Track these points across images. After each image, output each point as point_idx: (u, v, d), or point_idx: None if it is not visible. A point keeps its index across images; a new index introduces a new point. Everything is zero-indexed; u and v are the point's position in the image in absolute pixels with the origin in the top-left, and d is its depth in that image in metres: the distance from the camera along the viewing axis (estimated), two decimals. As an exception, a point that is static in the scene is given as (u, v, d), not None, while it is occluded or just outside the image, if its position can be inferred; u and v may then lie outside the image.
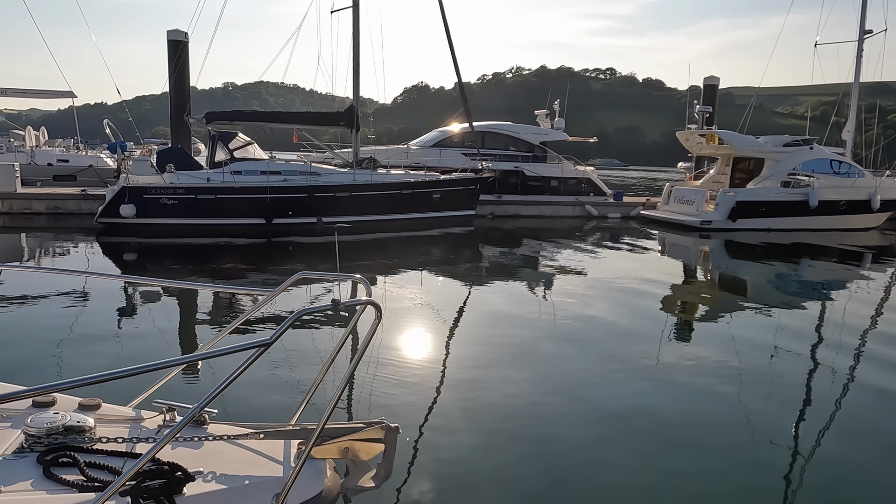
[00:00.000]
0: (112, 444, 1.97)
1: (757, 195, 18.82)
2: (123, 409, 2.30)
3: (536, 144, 23.32)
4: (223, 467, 1.96)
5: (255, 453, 2.09)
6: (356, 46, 17.12)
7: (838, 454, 4.29)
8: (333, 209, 15.12)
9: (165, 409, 2.23)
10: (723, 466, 4.01)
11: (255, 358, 1.74)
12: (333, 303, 1.84)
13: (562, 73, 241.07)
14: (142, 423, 2.20)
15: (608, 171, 68.70)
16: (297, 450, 2.13)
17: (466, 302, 8.90)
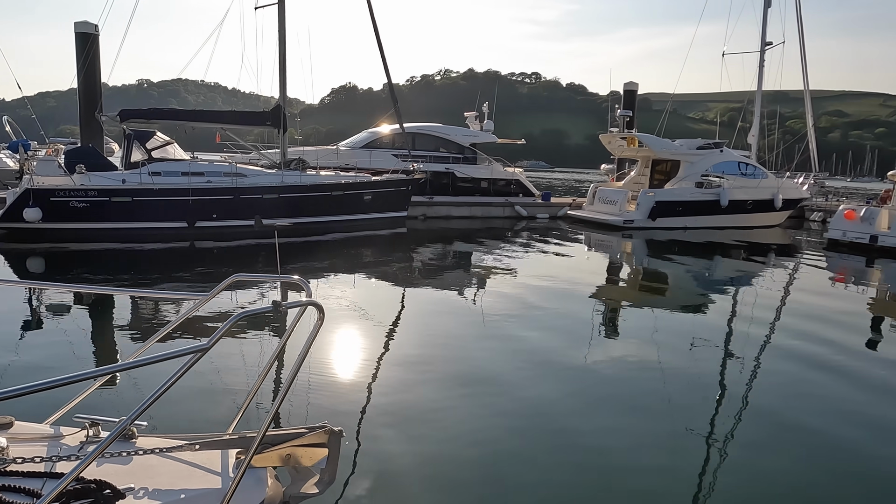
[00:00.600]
0: (29, 464, 1.82)
1: (674, 195, 19.84)
2: (39, 426, 2.13)
3: (466, 146, 23.58)
4: (156, 482, 1.85)
5: (190, 465, 1.99)
6: (282, 44, 16.69)
7: (749, 435, 4.59)
8: (261, 211, 14.64)
9: (88, 424, 2.09)
10: (644, 453, 4.19)
11: (191, 364, 1.66)
12: (274, 304, 1.78)
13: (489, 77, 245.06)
14: (61, 441, 2.05)
15: (535, 172, 70.49)
16: (236, 459, 2.05)
17: (400, 303, 8.86)
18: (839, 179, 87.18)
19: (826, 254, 16.23)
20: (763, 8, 25.77)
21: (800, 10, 25.33)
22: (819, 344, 7.22)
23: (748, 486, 3.84)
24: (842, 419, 4.96)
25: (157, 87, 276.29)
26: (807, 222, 25.24)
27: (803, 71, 25.72)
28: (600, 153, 27.84)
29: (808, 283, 12.46)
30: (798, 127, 34.48)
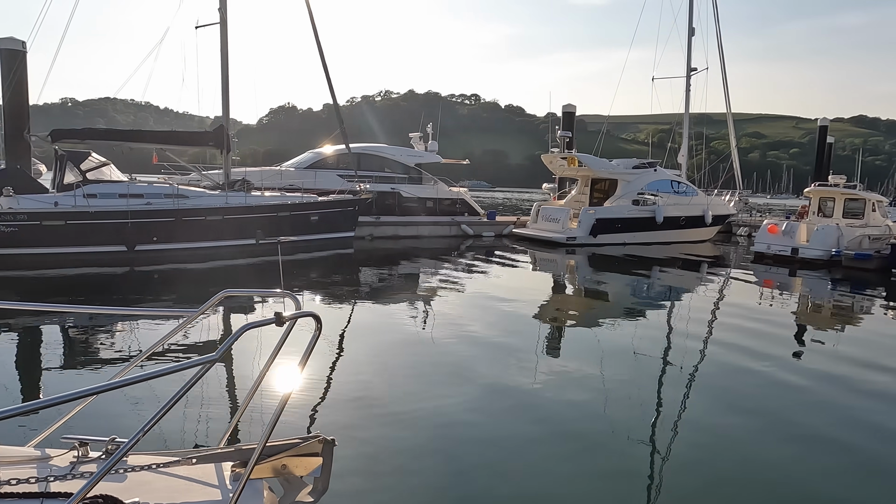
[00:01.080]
0: (23, 485, 1.80)
1: (613, 213, 20.68)
2: (24, 449, 2.09)
3: (412, 166, 23.79)
4: (155, 497, 1.87)
5: (186, 480, 2.01)
6: (225, 64, 16.48)
7: (688, 440, 4.89)
8: (204, 234, 14.30)
9: (77, 443, 2.07)
10: (592, 461, 4.40)
11: (200, 375, 1.70)
12: (276, 315, 1.85)
13: (429, 98, 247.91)
14: (50, 462, 2.02)
15: (477, 192, 71.43)
16: (232, 472, 2.08)
17: (348, 324, 8.82)
18: (760, 196, 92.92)
19: (753, 266, 17.29)
20: (687, 36, 27.50)
21: (720, 39, 27.19)
22: (748, 353, 7.73)
23: (691, 487, 4.10)
24: (772, 419, 5.35)
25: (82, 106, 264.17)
26: (734, 237, 26.78)
27: (725, 95, 27.54)
28: (539, 173, 28.60)
29: (738, 293, 13.25)
30: (722, 147, 36.72)
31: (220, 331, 7.44)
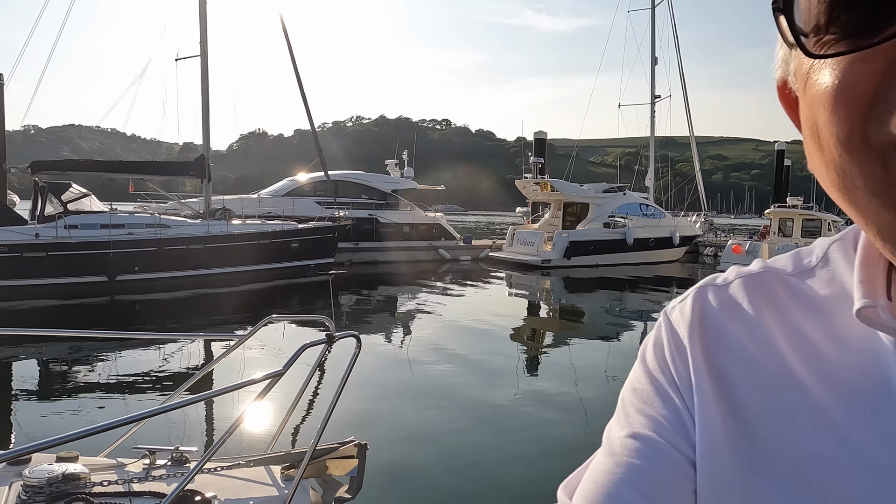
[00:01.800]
0: (113, 485, 2.12)
1: (585, 236, 21.38)
2: (101, 458, 2.39)
3: (389, 192, 24.21)
4: (222, 495, 2.20)
5: (243, 481, 2.34)
6: (205, 95, 16.76)
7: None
8: (186, 263, 14.42)
9: (148, 452, 2.38)
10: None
11: (268, 389, 2.06)
12: (328, 337, 2.22)
13: (401, 123, 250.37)
14: (126, 469, 2.33)
15: (450, 216, 72.11)
16: (282, 473, 2.41)
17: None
18: (725, 217, 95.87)
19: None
20: (651, 65, 28.82)
21: (682, 68, 28.54)
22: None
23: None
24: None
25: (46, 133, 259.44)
26: (701, 257, 27.79)
27: (688, 121, 28.81)
28: (511, 196, 29.26)
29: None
30: (686, 170, 38.14)
31: (262, 351, 7.86)
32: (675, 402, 0.46)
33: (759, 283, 0.48)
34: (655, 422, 0.46)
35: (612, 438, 0.48)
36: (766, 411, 0.42)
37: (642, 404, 0.47)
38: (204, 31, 16.94)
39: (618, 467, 0.45)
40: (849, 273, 0.43)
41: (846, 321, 0.42)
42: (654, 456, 0.44)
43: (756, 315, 0.46)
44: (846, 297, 0.42)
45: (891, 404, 0.38)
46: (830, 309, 0.43)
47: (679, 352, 0.48)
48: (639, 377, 0.50)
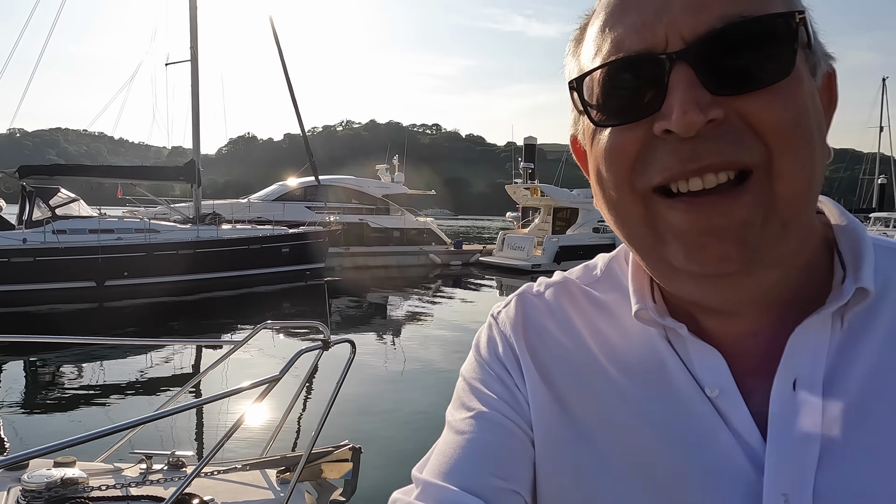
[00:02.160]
0: (112, 490, 2.15)
1: (575, 240, 21.53)
2: (98, 463, 2.42)
3: (379, 197, 24.25)
4: (219, 498, 2.23)
5: (240, 484, 2.38)
6: (195, 100, 16.75)
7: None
8: (176, 268, 14.36)
9: (144, 457, 2.41)
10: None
11: (266, 393, 2.10)
12: (324, 342, 2.26)
13: (391, 127, 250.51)
14: (123, 473, 2.36)
15: (439, 221, 72.20)
16: (278, 477, 2.45)
17: (303, 343, 9.07)
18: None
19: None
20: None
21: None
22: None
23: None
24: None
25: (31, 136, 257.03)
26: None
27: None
28: (501, 201, 29.35)
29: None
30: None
31: (256, 356, 7.83)
32: (508, 387, 0.56)
33: (564, 291, 0.60)
34: (494, 403, 0.55)
35: (456, 420, 0.56)
36: (579, 393, 0.54)
37: (481, 390, 0.57)
38: (194, 36, 16.95)
39: (467, 442, 0.53)
40: (625, 282, 0.56)
41: (627, 319, 0.54)
42: (496, 430, 0.53)
43: (566, 316, 0.58)
44: (626, 301, 0.54)
45: (665, 379, 0.51)
46: (616, 310, 0.56)
47: (509, 347, 0.58)
48: (475, 369, 0.59)
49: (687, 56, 0.42)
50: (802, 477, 0.44)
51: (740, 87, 0.42)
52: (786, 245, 0.45)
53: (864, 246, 0.49)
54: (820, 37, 0.48)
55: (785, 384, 0.46)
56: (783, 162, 0.42)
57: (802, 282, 0.49)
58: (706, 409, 0.49)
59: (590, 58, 0.48)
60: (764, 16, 0.42)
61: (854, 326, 0.47)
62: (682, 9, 0.43)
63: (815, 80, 0.46)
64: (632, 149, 0.45)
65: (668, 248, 0.46)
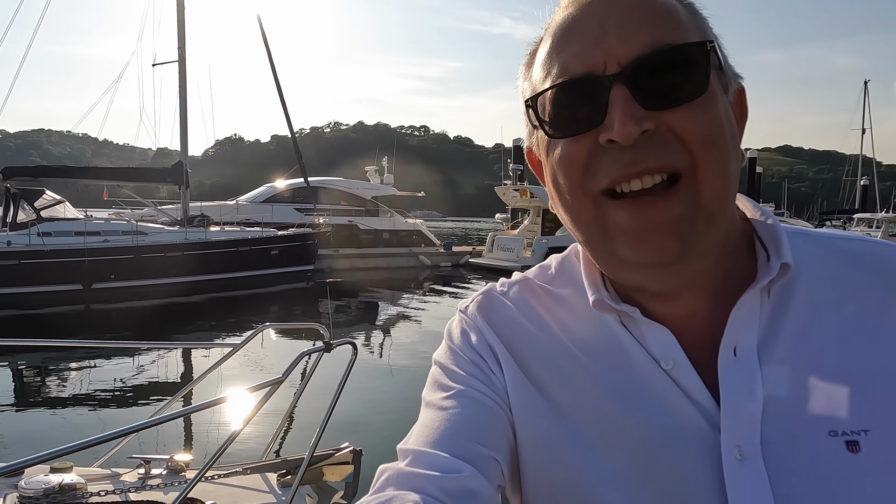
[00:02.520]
0: (110, 495, 2.11)
1: (564, 241, 21.55)
2: (95, 469, 2.38)
3: (369, 199, 24.19)
4: (223, 502, 2.21)
5: (241, 489, 2.35)
6: (183, 101, 16.61)
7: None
8: (164, 270, 14.22)
9: (142, 461, 2.38)
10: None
11: (269, 396, 2.08)
12: (326, 344, 2.25)
13: (379, 129, 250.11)
14: (121, 479, 2.32)
15: (428, 222, 71.95)
16: (278, 480, 2.43)
17: (302, 344, 9.01)
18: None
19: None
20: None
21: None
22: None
23: None
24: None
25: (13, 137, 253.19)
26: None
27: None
28: (490, 202, 29.36)
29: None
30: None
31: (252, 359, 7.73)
32: (483, 370, 0.62)
33: (527, 287, 0.68)
34: (471, 382, 0.61)
35: (435, 399, 0.61)
36: (552, 375, 0.61)
37: (457, 372, 0.62)
38: (182, 36, 16.82)
39: (449, 415, 0.58)
40: (577, 277, 0.64)
41: (584, 309, 0.62)
42: (475, 405, 0.59)
43: (531, 309, 0.65)
44: (580, 294, 0.63)
45: (625, 357, 0.58)
46: (573, 302, 0.64)
47: (482, 337, 0.64)
48: (449, 355, 0.65)
49: (622, 77, 0.50)
50: (751, 430, 0.52)
51: (667, 102, 0.51)
52: (712, 236, 0.53)
53: (779, 231, 0.58)
54: (731, 59, 0.57)
55: (728, 353, 0.54)
56: (705, 166, 0.51)
57: (729, 266, 0.57)
58: (664, 379, 0.56)
59: (540, 80, 0.56)
60: (683, 44, 0.51)
61: (778, 298, 0.56)
62: (616, 38, 0.51)
63: (727, 97, 0.55)
64: (582, 157, 0.53)
65: (616, 244, 0.53)
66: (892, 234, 18.64)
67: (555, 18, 0.57)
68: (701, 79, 0.51)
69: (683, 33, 0.53)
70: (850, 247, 0.60)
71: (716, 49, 0.53)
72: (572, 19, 0.55)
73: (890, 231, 18.74)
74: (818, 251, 0.59)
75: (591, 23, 0.53)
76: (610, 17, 0.53)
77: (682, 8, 0.55)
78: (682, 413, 0.54)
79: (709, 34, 0.56)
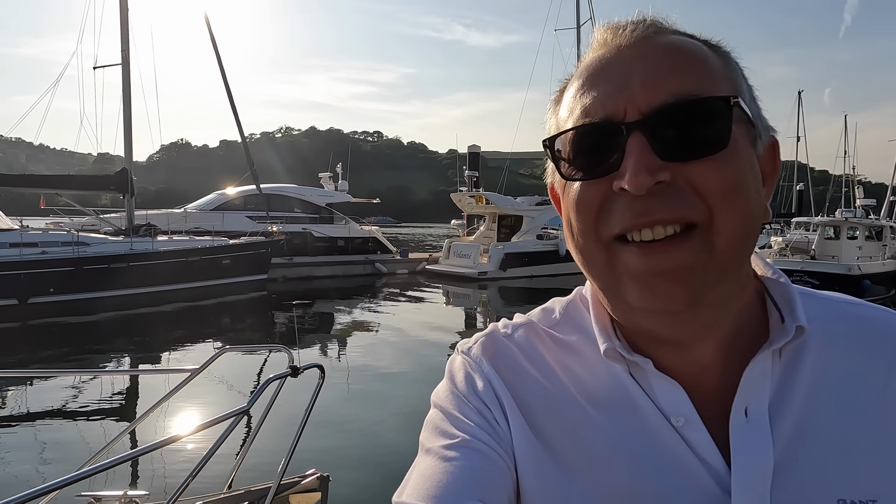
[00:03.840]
0: (57, 540, 1.96)
1: (520, 247, 21.82)
2: (39, 509, 2.20)
3: (323, 206, 23.81)
4: (180, 540, 2.07)
5: (202, 524, 2.22)
6: (127, 105, 15.96)
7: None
8: (109, 283, 13.59)
9: (93, 499, 2.22)
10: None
11: (234, 426, 1.97)
12: (292, 369, 2.15)
13: (332, 135, 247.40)
14: (68, 519, 2.16)
15: (383, 228, 71.42)
16: (242, 513, 2.31)
17: (259, 369, 8.72)
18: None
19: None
20: (578, 83, 29.94)
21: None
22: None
23: None
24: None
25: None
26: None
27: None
28: (444, 208, 29.38)
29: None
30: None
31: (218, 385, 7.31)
32: (487, 419, 0.59)
33: (533, 332, 0.65)
34: (475, 431, 0.58)
35: (436, 447, 0.57)
36: (559, 428, 0.58)
37: (460, 419, 0.59)
38: (126, 38, 16.18)
39: (449, 467, 0.55)
40: (584, 323, 0.63)
41: (592, 357, 0.60)
42: (477, 457, 0.56)
43: (539, 355, 0.63)
44: (587, 341, 0.61)
45: (634, 411, 0.56)
46: (580, 349, 0.61)
47: (488, 384, 0.61)
48: (451, 400, 0.61)
49: (641, 126, 0.50)
50: (762, 494, 0.51)
51: (685, 155, 0.50)
52: (724, 289, 0.52)
53: (793, 292, 0.58)
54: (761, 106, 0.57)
55: (740, 413, 0.54)
56: (722, 219, 0.50)
57: (741, 323, 0.57)
58: (673, 437, 0.55)
59: (564, 119, 0.56)
60: (706, 97, 0.51)
61: (789, 359, 0.56)
62: (640, 86, 0.51)
63: (755, 150, 0.54)
64: (595, 201, 0.52)
65: (625, 288, 0.53)
66: (828, 238, 19.61)
67: (585, 59, 0.57)
68: (723, 133, 0.51)
69: (712, 85, 0.52)
70: (857, 311, 0.61)
71: (740, 105, 0.52)
72: (600, 62, 0.55)
73: (825, 234, 19.70)
74: (825, 313, 0.59)
75: (618, 67, 0.53)
76: (637, 63, 0.52)
77: (716, 57, 0.55)
78: (691, 473, 0.53)
79: (740, 85, 0.55)
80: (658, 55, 0.52)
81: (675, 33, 0.55)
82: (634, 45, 0.54)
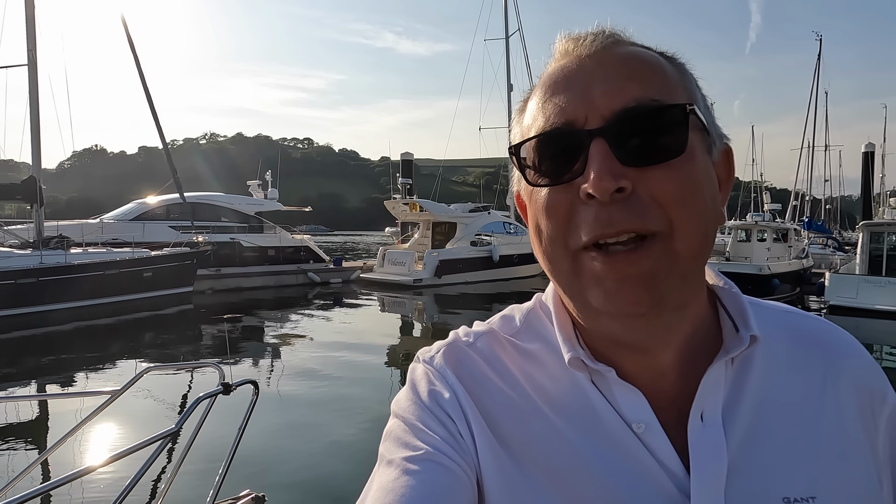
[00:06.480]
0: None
1: (454, 254, 21.98)
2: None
3: (252, 215, 23.11)
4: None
5: (127, 555, 2.09)
6: (34, 109, 14.91)
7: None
8: (16, 300, 12.62)
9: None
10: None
11: (162, 448, 1.87)
12: (224, 386, 2.06)
13: (260, 141, 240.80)
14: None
15: (315, 236, 69.96)
16: (172, 540, 2.19)
17: (188, 386, 8.32)
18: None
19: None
20: (507, 91, 30.56)
21: (535, 95, 30.57)
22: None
23: None
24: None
25: None
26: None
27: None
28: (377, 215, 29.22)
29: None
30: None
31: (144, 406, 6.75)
32: (451, 432, 0.58)
33: (494, 340, 0.65)
34: (437, 444, 0.57)
35: (397, 459, 0.56)
36: (524, 438, 0.58)
37: (423, 430, 0.58)
38: (32, 38, 15.14)
39: (411, 481, 0.54)
40: (545, 331, 0.64)
41: (554, 366, 0.61)
42: (440, 470, 0.55)
43: (502, 364, 0.63)
44: (549, 349, 0.62)
45: (596, 419, 0.58)
46: (542, 357, 0.62)
47: (453, 394, 0.60)
48: (414, 410, 0.60)
49: (603, 133, 0.52)
50: (717, 495, 0.53)
51: (644, 160, 0.52)
52: (685, 293, 0.55)
53: (744, 302, 0.61)
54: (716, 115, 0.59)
55: (696, 418, 0.56)
56: (681, 226, 0.52)
57: (695, 329, 0.59)
58: (635, 443, 0.56)
59: (528, 127, 0.57)
60: (665, 105, 0.53)
61: (740, 366, 0.59)
62: (601, 94, 0.53)
63: (710, 157, 0.56)
64: (564, 207, 0.53)
65: (590, 293, 0.54)
66: (740, 240, 20.89)
67: (548, 69, 0.59)
68: (680, 139, 0.53)
69: (669, 93, 0.54)
70: (794, 321, 0.65)
71: (696, 112, 0.54)
72: (562, 71, 0.56)
73: (738, 238, 20.99)
74: (766, 322, 0.62)
75: (580, 76, 0.55)
76: (597, 71, 0.54)
77: (672, 67, 0.57)
78: (653, 477, 0.55)
79: (695, 95, 0.57)
80: (618, 64, 0.54)
81: (632, 45, 0.57)
82: (595, 54, 0.55)
